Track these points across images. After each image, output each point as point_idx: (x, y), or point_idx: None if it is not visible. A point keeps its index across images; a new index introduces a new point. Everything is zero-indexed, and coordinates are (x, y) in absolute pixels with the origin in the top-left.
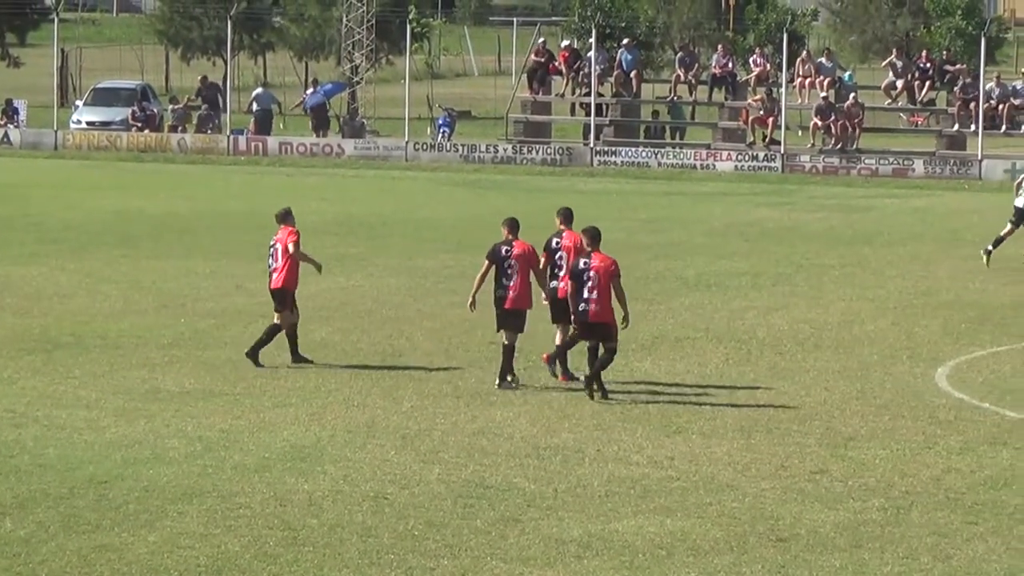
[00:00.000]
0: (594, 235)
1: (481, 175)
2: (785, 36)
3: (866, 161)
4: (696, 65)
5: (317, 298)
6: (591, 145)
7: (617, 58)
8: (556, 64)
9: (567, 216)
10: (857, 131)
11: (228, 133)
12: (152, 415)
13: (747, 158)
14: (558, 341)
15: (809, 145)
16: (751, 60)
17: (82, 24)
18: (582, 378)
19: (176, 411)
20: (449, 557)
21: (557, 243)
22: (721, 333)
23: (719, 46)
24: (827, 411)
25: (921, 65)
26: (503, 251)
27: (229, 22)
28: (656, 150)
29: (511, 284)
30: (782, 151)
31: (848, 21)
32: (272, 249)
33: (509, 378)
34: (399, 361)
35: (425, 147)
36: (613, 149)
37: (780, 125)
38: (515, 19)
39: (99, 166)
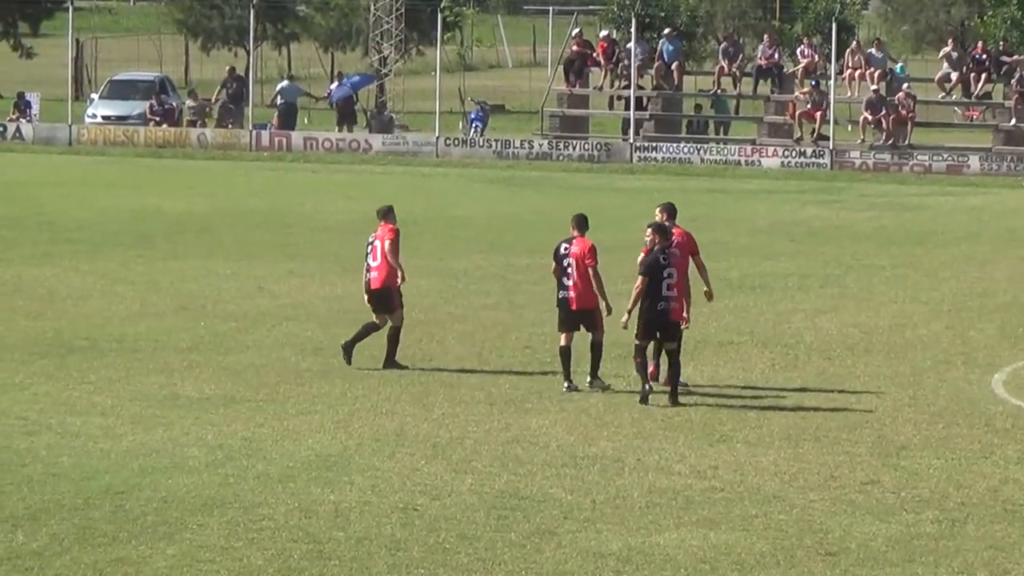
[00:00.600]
0: (579, 221)
1: (515, 172)
2: (834, 26)
3: (919, 157)
4: (741, 56)
5: (344, 300)
6: (630, 140)
7: (658, 49)
8: (594, 55)
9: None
10: (909, 126)
11: (250, 128)
12: (171, 422)
13: (794, 154)
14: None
15: (859, 140)
16: (798, 51)
17: (98, 13)
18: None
19: (196, 418)
20: (482, 572)
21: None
22: (767, 337)
23: (765, 36)
24: (878, 419)
25: (976, 56)
26: (561, 248)
27: (252, 11)
28: (699, 146)
29: (571, 284)
30: (831, 147)
31: (900, 10)
32: (370, 247)
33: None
34: (429, 366)
35: (456, 142)
36: (653, 145)
37: (828, 119)
38: (551, 8)
39: (115, 162)
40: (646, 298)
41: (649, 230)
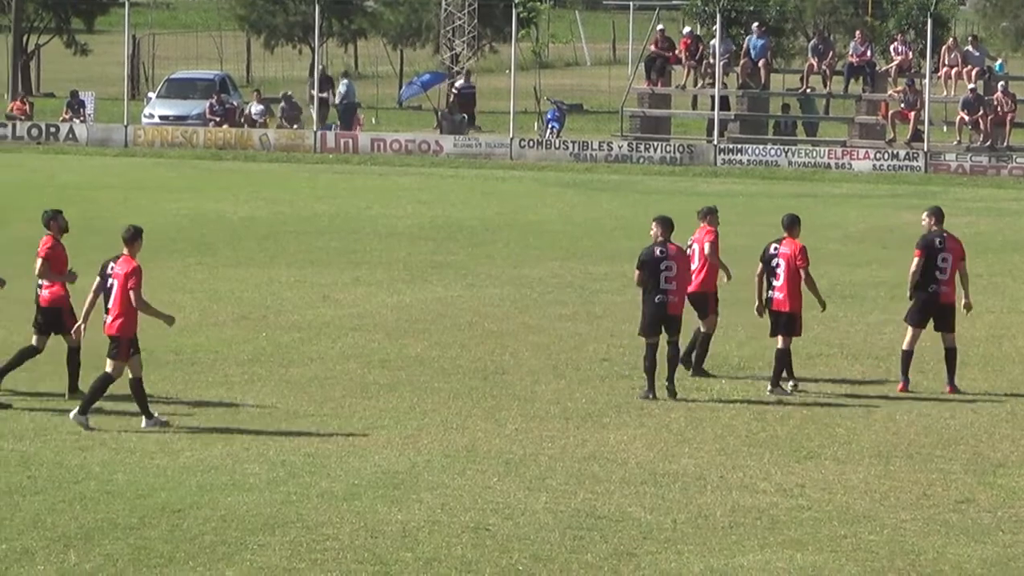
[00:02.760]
0: (665, 224)
1: (593, 175)
2: (929, 21)
3: (1018, 160)
4: (831, 53)
5: (412, 309)
6: (714, 142)
7: (744, 46)
8: (676, 53)
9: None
10: (1008, 127)
11: (315, 129)
12: (231, 438)
13: (886, 156)
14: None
15: (955, 142)
16: (891, 48)
17: (155, 9)
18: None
19: (257, 434)
20: None
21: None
22: (857, 349)
23: (856, 32)
24: (974, 435)
25: None
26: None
27: (316, 6)
28: (786, 147)
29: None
30: (925, 149)
31: (999, 5)
32: (689, 250)
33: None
34: (502, 379)
35: (532, 144)
36: (739, 147)
37: (923, 120)
38: (631, 3)
39: (173, 165)
40: (646, 292)
41: (654, 223)
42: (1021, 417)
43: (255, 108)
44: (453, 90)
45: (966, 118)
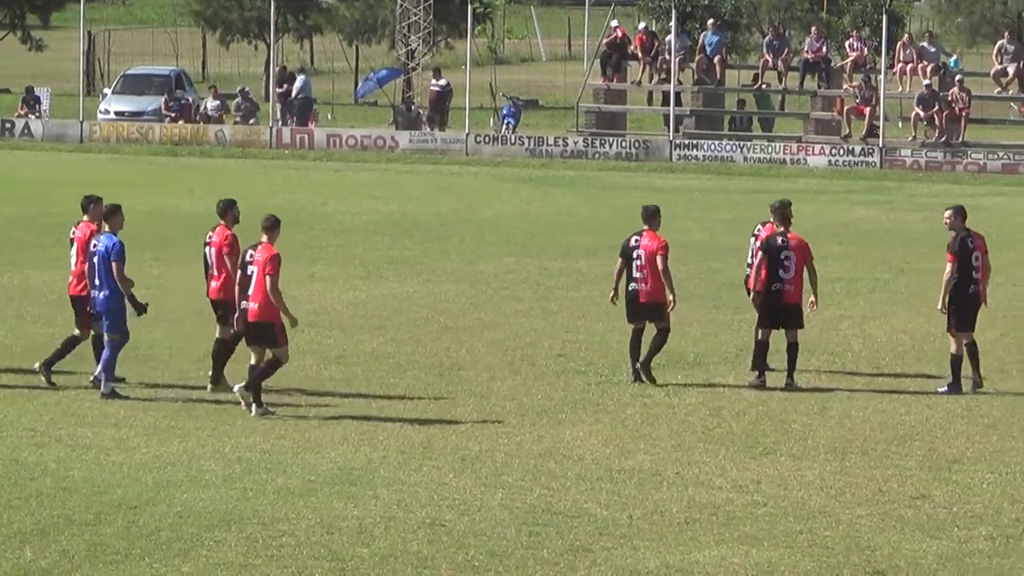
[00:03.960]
0: (650, 213)
1: (549, 171)
2: (884, 18)
3: (973, 156)
4: (786, 49)
5: (368, 305)
6: (670, 138)
7: (699, 42)
8: (632, 49)
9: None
10: (963, 122)
11: (271, 124)
12: (187, 434)
13: (842, 152)
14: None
15: (910, 138)
16: (847, 44)
17: (111, 4)
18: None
19: (213, 429)
20: None
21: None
22: (812, 345)
23: (812, 28)
24: (929, 431)
25: None
26: (779, 242)
27: (272, 2)
28: (742, 143)
29: (789, 278)
30: (880, 144)
31: (954, 1)
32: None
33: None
34: (458, 375)
35: (487, 140)
36: (694, 142)
37: (878, 116)
38: None
39: (129, 160)
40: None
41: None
42: (976, 413)
43: (211, 104)
44: (431, 88)
45: (921, 114)
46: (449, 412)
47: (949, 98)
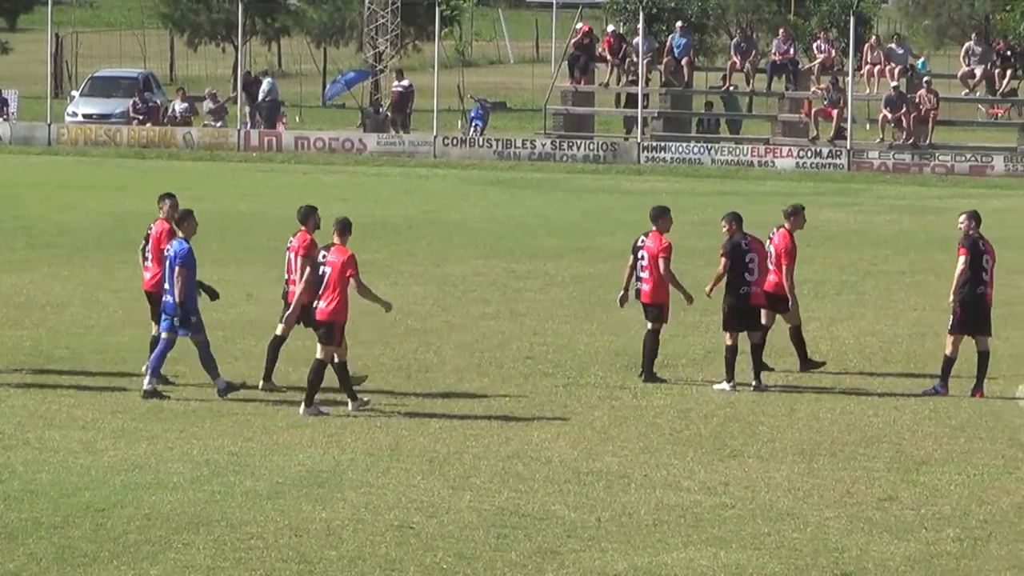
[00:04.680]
0: (656, 214)
1: (516, 173)
2: (852, 20)
3: (941, 158)
4: (754, 51)
5: None
6: (638, 140)
7: (667, 44)
8: (600, 51)
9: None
10: (931, 124)
11: (239, 127)
12: (154, 436)
13: (809, 154)
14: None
15: (878, 140)
16: (814, 46)
17: (79, 7)
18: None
19: (181, 432)
20: None
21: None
22: (780, 347)
23: (779, 30)
24: (897, 432)
25: (1001, 52)
26: (743, 245)
27: (240, 5)
28: (709, 145)
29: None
30: (848, 146)
31: (921, 3)
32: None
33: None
34: (426, 377)
35: (455, 142)
36: (662, 144)
37: (846, 118)
38: (554, 1)
39: (97, 163)
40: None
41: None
42: (944, 415)
43: (179, 106)
44: (394, 89)
45: (889, 116)
46: (417, 414)
47: (916, 100)
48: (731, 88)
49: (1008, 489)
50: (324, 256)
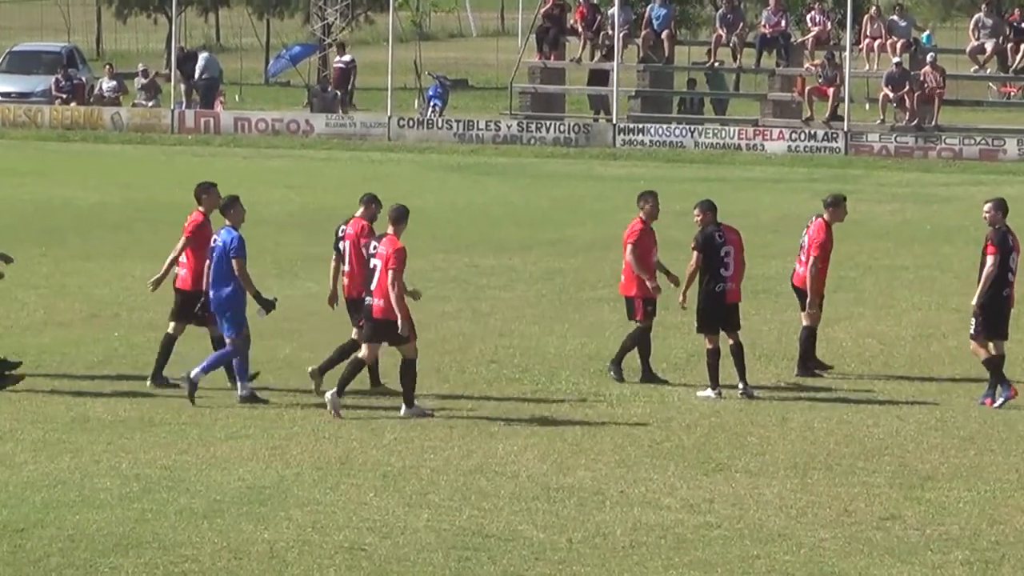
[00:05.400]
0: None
1: (479, 157)
2: None
3: (947, 141)
4: (741, 24)
5: (281, 307)
6: (613, 121)
7: (646, 15)
8: (571, 23)
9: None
10: (936, 104)
11: (172, 107)
12: (79, 449)
13: (803, 137)
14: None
15: (878, 121)
16: (808, 18)
17: None
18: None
19: (108, 444)
20: None
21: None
22: (771, 350)
23: (769, 0)
24: (900, 444)
25: (1015, 24)
26: (716, 237)
27: None
28: (692, 127)
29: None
30: (845, 128)
31: None
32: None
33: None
34: (380, 383)
35: (412, 123)
36: (640, 126)
37: (843, 97)
38: None
39: (15, 146)
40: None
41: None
42: (951, 425)
43: (106, 84)
44: (335, 65)
45: (890, 95)
46: (369, 424)
47: (921, 77)
48: (716, 64)
49: (1022, 507)
50: (375, 247)
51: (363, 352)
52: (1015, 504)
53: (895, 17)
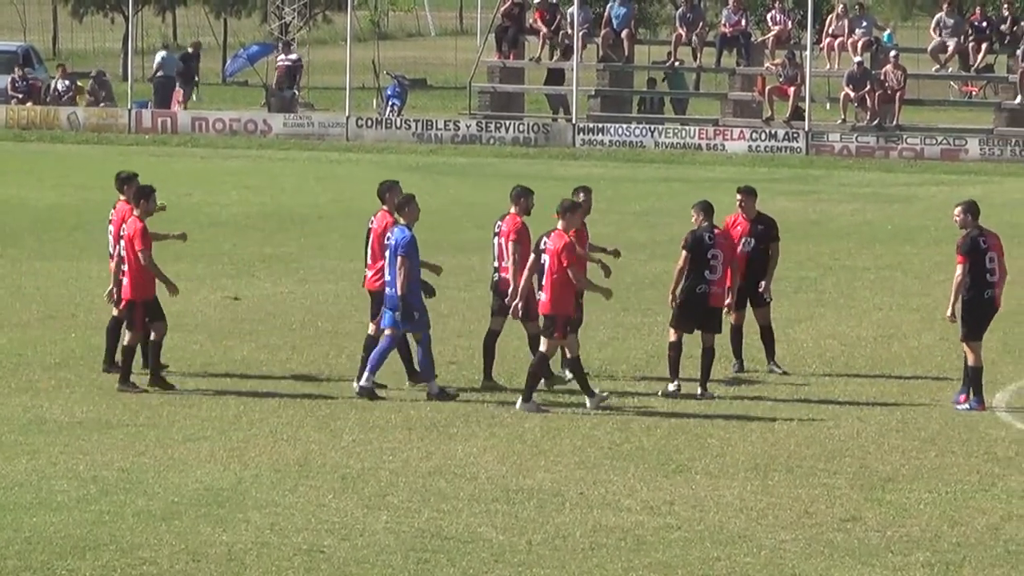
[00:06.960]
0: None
1: (438, 157)
2: None
3: (909, 141)
4: (701, 23)
5: (238, 308)
6: (573, 121)
7: (605, 14)
8: (531, 22)
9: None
10: (898, 104)
11: (129, 107)
12: (36, 451)
13: (763, 137)
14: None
15: (839, 121)
16: (768, 17)
17: None
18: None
19: (65, 446)
20: None
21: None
22: (731, 351)
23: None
24: (860, 446)
25: (976, 23)
26: (706, 239)
27: None
28: (652, 127)
29: (715, 279)
30: (806, 128)
31: None
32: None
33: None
34: (338, 385)
35: (370, 123)
36: (599, 126)
37: (804, 96)
38: None
39: None
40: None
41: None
42: (912, 427)
43: (61, 84)
44: (280, 63)
45: (851, 94)
46: (328, 426)
47: (882, 77)
48: (676, 63)
49: (983, 508)
50: (544, 242)
51: (543, 347)
52: (976, 506)
53: (856, 16)
